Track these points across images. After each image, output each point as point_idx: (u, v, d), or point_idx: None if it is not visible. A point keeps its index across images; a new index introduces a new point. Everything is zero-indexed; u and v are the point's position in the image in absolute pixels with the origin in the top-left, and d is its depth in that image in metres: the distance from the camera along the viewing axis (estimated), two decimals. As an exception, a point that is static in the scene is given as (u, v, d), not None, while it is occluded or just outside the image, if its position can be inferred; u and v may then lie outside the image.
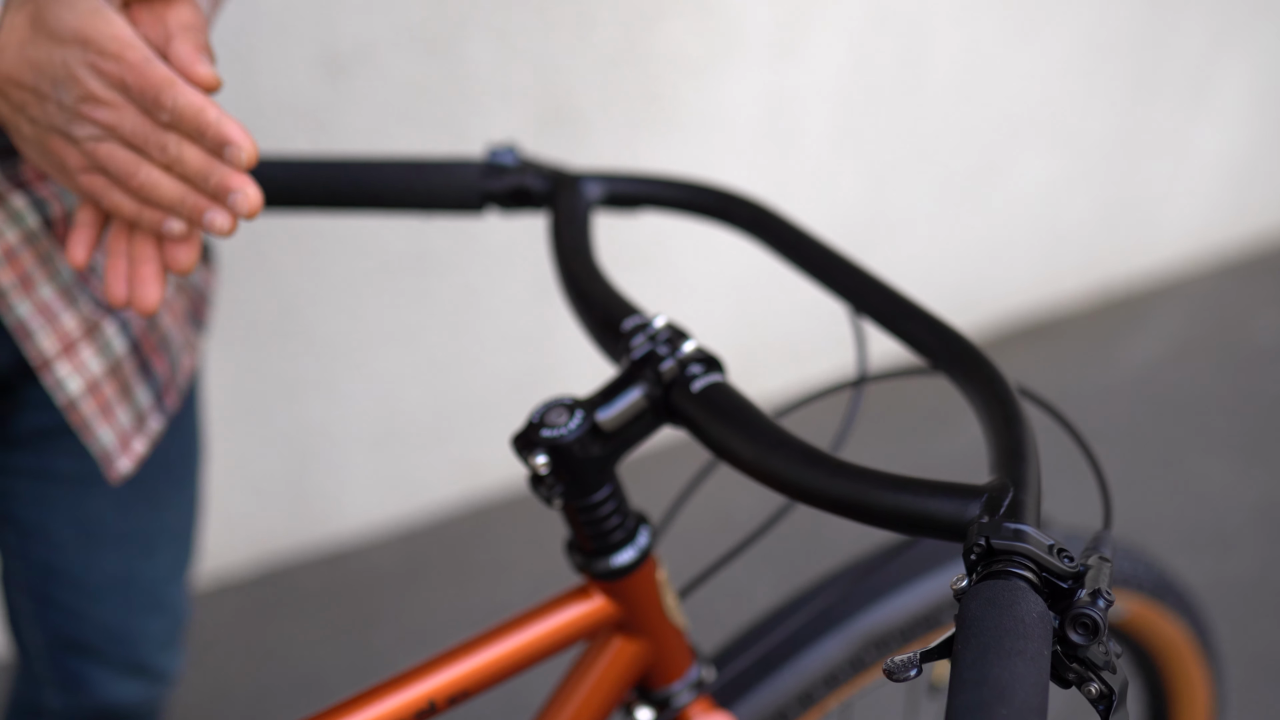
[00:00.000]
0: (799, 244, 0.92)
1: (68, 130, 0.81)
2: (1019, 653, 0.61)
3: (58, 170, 0.84)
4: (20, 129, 0.83)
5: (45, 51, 0.79)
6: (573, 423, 0.81)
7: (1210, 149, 3.10)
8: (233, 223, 0.84)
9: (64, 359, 0.98)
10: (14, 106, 0.81)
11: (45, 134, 0.82)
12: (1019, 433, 0.73)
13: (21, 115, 0.82)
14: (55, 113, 0.80)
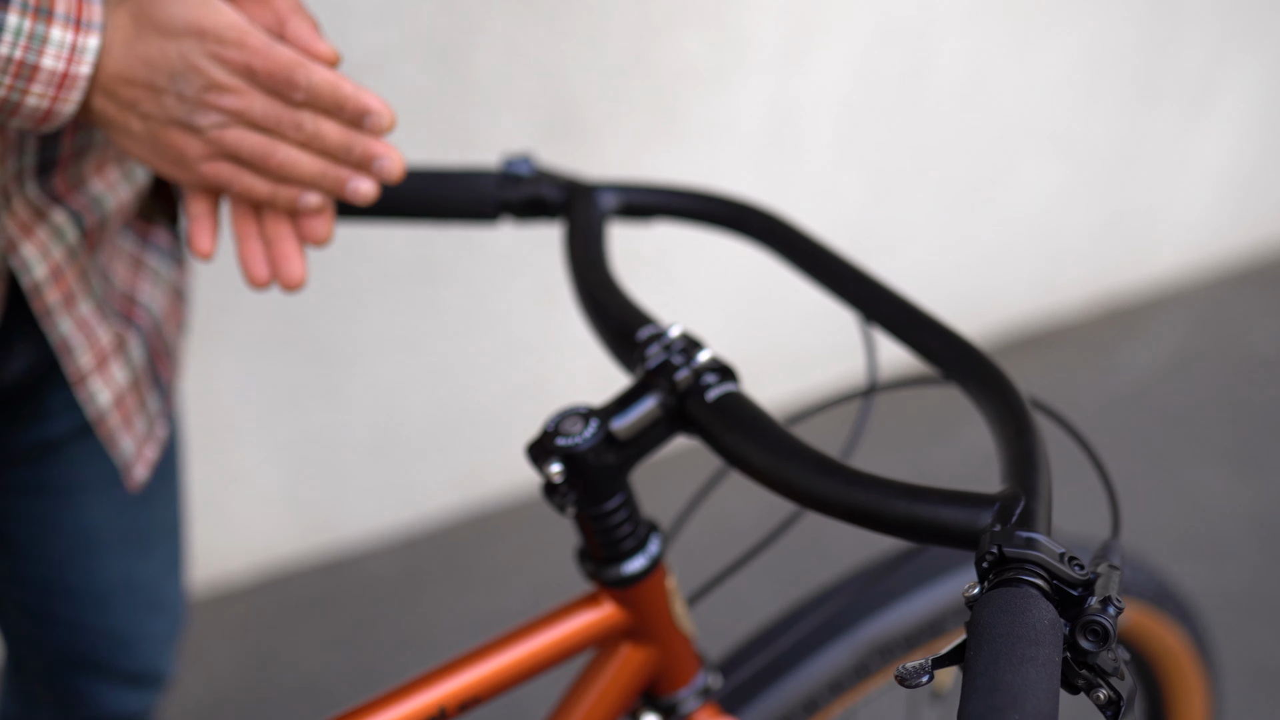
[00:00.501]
0: (811, 253, 0.93)
1: (190, 121, 0.81)
2: (1031, 659, 0.62)
3: (174, 163, 0.84)
4: (129, 127, 0.82)
5: (158, 46, 0.79)
6: (587, 431, 0.81)
7: (1211, 159, 3.12)
8: (377, 189, 0.88)
9: (97, 373, 0.99)
10: (123, 105, 0.81)
11: (162, 128, 0.82)
12: (1031, 442, 0.73)
13: (132, 113, 0.81)
14: (174, 105, 0.80)
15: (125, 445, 1.04)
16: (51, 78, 0.77)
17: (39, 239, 0.91)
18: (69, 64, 0.77)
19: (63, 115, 0.79)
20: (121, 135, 0.83)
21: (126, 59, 0.79)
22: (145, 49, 0.79)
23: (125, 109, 0.81)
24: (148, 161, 0.85)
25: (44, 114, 0.79)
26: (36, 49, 0.75)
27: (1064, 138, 2.80)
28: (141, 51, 0.79)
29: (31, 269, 0.91)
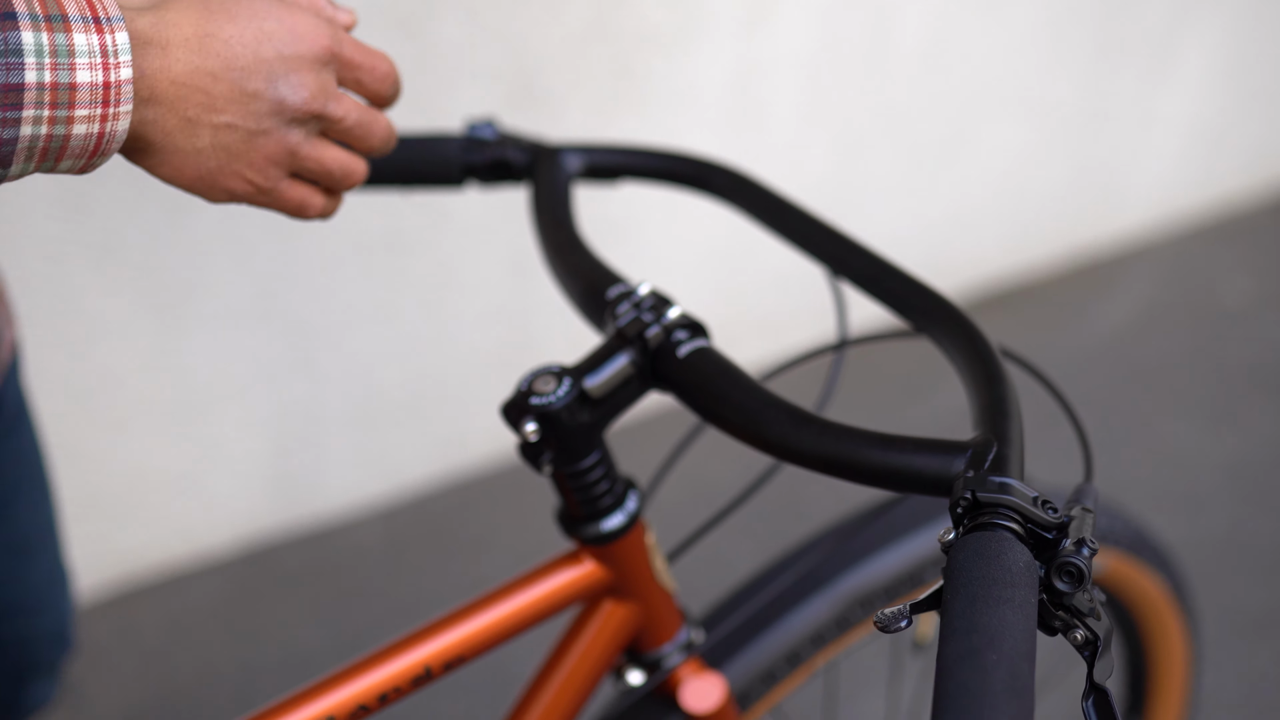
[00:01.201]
0: (777, 209, 0.93)
1: (284, 132, 0.73)
2: (1007, 601, 0.62)
3: (239, 181, 0.74)
4: (193, 141, 0.71)
5: (247, 48, 0.71)
6: (561, 390, 0.82)
7: (1175, 115, 3.13)
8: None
9: None
10: (192, 115, 0.70)
11: (245, 140, 0.72)
12: (1001, 390, 0.74)
13: (204, 124, 0.71)
14: (267, 114, 0.72)
15: None
16: (93, 92, 0.64)
17: None
18: (105, 70, 0.64)
19: (116, 138, 0.66)
20: (173, 153, 0.71)
21: (204, 60, 0.69)
22: (228, 50, 0.70)
23: (192, 122, 0.70)
24: (195, 181, 0.73)
25: (96, 141, 0.66)
26: (66, 64, 0.63)
27: (1028, 97, 2.81)
28: (223, 53, 0.70)
29: None
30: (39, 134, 0.63)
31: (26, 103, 0.62)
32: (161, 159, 0.71)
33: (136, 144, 0.70)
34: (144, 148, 0.70)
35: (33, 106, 0.62)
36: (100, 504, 2.04)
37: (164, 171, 0.72)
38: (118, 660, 2.02)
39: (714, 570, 1.92)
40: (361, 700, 0.85)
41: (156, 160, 0.71)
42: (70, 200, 1.77)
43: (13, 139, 0.63)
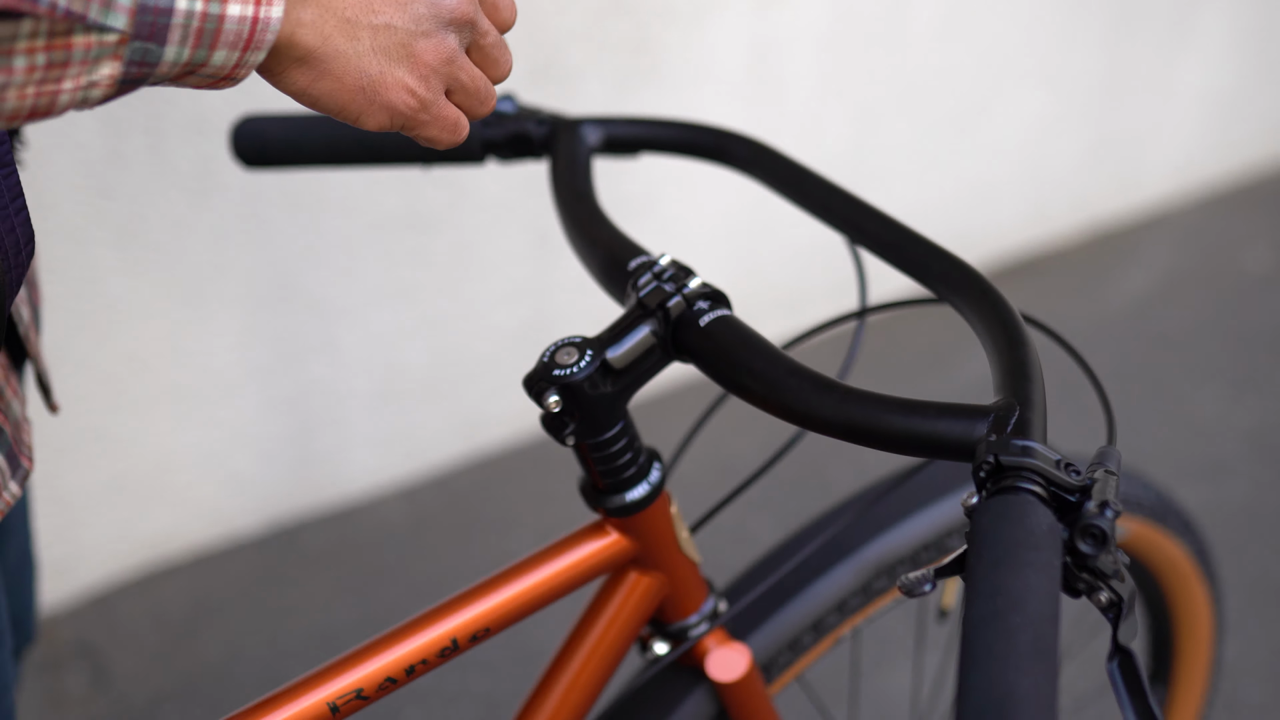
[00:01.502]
0: (797, 178, 0.93)
1: (441, 35, 0.73)
2: (1030, 563, 0.62)
3: (400, 91, 0.73)
4: (354, 44, 0.70)
5: None
6: (583, 361, 0.82)
7: (1193, 85, 3.11)
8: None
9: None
10: (350, 15, 0.70)
11: (406, 41, 0.72)
12: (1023, 354, 0.74)
13: (363, 24, 0.70)
14: (426, 12, 0.72)
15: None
16: (241, 25, 0.64)
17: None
18: (257, 5, 0.64)
19: (270, 27, 0.65)
20: (333, 59, 0.70)
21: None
22: None
23: (351, 22, 0.69)
24: (356, 93, 0.71)
25: (250, 27, 0.64)
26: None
27: (1046, 67, 2.79)
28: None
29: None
30: (195, 9, 0.62)
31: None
32: (322, 68, 0.69)
33: (294, 51, 0.68)
34: (302, 56, 0.69)
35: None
36: (128, 487, 2.06)
37: (324, 85, 0.70)
38: (147, 641, 2.04)
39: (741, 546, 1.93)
40: (389, 673, 0.86)
41: (316, 71, 0.70)
42: (93, 184, 1.78)
43: (167, 9, 0.61)
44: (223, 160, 1.85)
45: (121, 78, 0.62)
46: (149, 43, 0.61)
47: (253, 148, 1.09)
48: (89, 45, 0.59)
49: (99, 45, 0.60)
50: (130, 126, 1.77)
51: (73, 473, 1.99)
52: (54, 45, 0.58)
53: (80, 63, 0.60)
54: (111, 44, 0.60)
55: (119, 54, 0.60)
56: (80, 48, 0.59)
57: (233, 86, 0.68)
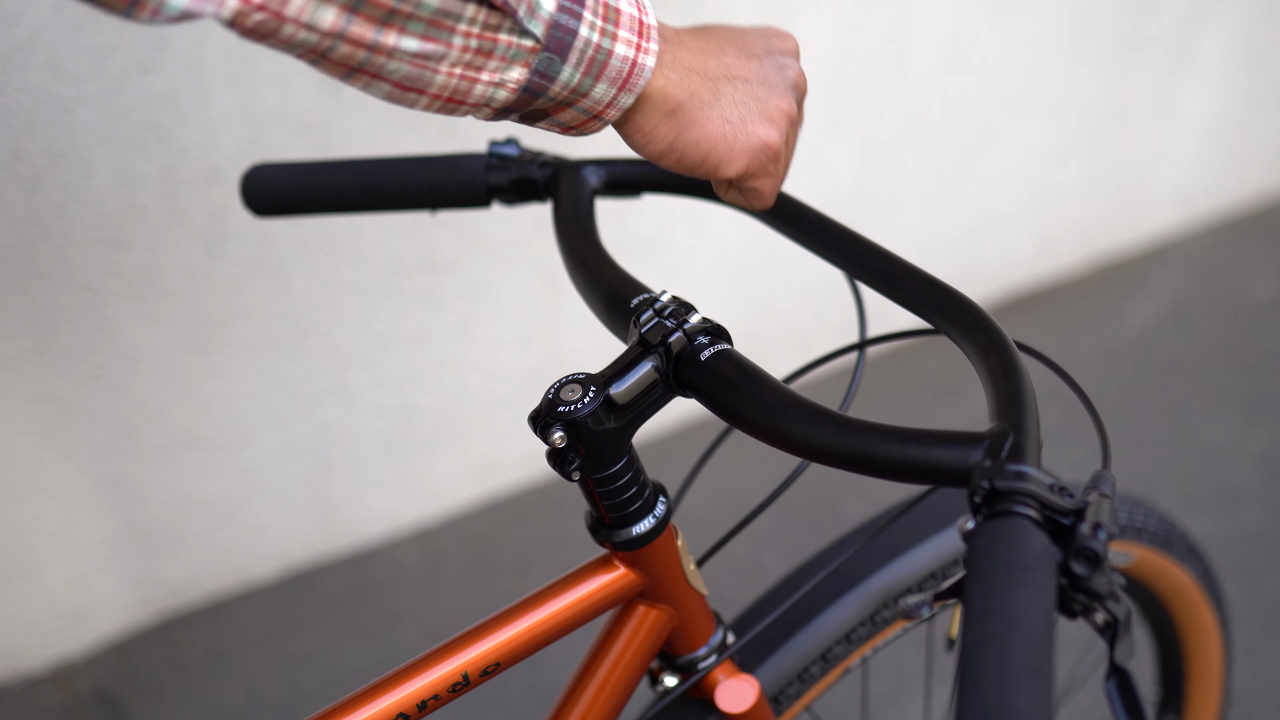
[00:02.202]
0: (795, 214, 0.95)
1: (786, 93, 0.82)
2: (1025, 584, 0.64)
3: (761, 137, 0.81)
4: (719, 96, 0.80)
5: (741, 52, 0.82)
6: (587, 398, 0.83)
7: (1196, 113, 3.13)
8: None
9: None
10: (714, 73, 0.80)
11: (761, 91, 0.81)
12: (1016, 380, 0.75)
13: (724, 79, 0.80)
14: (774, 72, 0.82)
15: None
16: (631, 22, 0.74)
17: None
18: (639, 10, 0.75)
19: (644, 72, 0.75)
20: (699, 108, 0.79)
21: (708, 42, 0.81)
22: (725, 40, 0.82)
23: (712, 78, 0.79)
24: (720, 138, 0.80)
25: (630, 67, 0.75)
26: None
27: (1049, 99, 2.82)
28: (723, 39, 0.82)
29: None
30: (591, 39, 0.72)
31: (587, 5, 0.71)
32: (688, 118, 0.78)
33: (665, 105, 0.77)
34: (673, 109, 0.78)
35: (590, 12, 0.72)
36: (145, 534, 2.07)
37: (691, 134, 0.78)
38: (166, 688, 2.05)
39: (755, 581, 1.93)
40: (401, 709, 0.87)
41: (684, 122, 0.78)
42: (108, 236, 1.81)
43: (573, 30, 0.71)
44: (235, 210, 1.88)
45: (524, 85, 0.72)
46: (554, 55, 0.71)
47: (263, 196, 1.11)
48: (510, 44, 0.70)
49: (517, 47, 0.70)
50: (145, 179, 1.80)
51: (90, 521, 2.01)
52: (485, 35, 0.69)
53: (500, 58, 0.70)
54: (526, 49, 0.70)
55: (529, 61, 0.71)
56: (503, 45, 0.70)
57: (589, 134, 0.78)
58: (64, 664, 2.07)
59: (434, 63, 0.68)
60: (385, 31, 0.65)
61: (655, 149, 0.79)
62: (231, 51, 1.78)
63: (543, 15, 0.70)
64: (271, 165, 1.11)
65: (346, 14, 0.64)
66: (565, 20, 0.70)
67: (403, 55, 0.67)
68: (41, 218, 1.75)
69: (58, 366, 1.86)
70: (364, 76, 0.68)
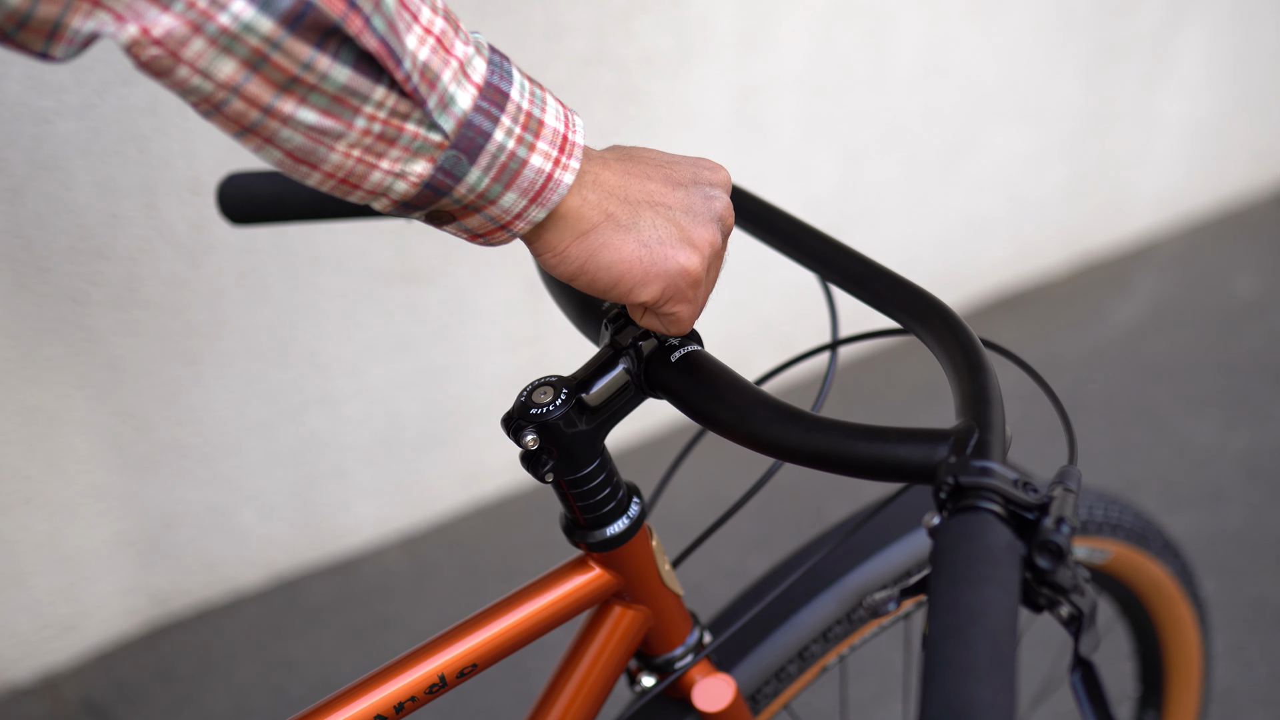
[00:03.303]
0: (766, 217, 0.96)
1: (713, 229, 0.80)
2: (989, 579, 0.65)
3: (682, 267, 0.78)
4: (638, 216, 0.77)
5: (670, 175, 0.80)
6: (559, 400, 0.84)
7: (1176, 115, 3.15)
8: None
9: None
10: (638, 199, 0.77)
11: (688, 220, 0.79)
12: (981, 378, 0.76)
13: (647, 206, 0.78)
14: (701, 203, 0.80)
15: None
16: (555, 136, 0.72)
17: None
18: (566, 125, 0.73)
19: (559, 188, 0.73)
20: (614, 231, 0.76)
21: (635, 165, 0.79)
22: (654, 163, 0.80)
23: (632, 202, 0.77)
24: (634, 262, 0.77)
25: (544, 180, 0.72)
26: (539, 104, 0.72)
27: (1029, 102, 2.83)
28: (651, 161, 0.80)
29: None
30: (506, 144, 0.70)
31: (507, 111, 0.69)
32: (602, 240, 0.75)
33: (580, 225, 0.75)
34: (587, 230, 0.75)
35: (509, 118, 0.69)
36: (131, 544, 2.08)
37: (603, 256, 0.76)
38: (154, 697, 2.05)
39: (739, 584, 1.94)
40: (378, 710, 0.88)
41: (599, 242, 0.75)
42: (90, 247, 1.82)
43: (486, 133, 0.69)
44: (217, 220, 1.89)
45: (427, 180, 0.68)
46: (462, 155, 0.68)
47: (240, 205, 1.12)
48: (416, 135, 0.67)
49: (423, 140, 0.67)
50: (126, 189, 1.80)
51: (76, 531, 2.01)
52: (390, 122, 0.66)
53: (403, 148, 0.67)
54: (433, 144, 0.67)
55: (434, 157, 0.68)
56: (409, 134, 0.66)
57: (497, 245, 0.75)
58: (51, 674, 2.08)
59: (331, 140, 0.65)
60: (283, 98, 0.62)
61: (566, 270, 0.76)
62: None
63: (455, 112, 0.67)
64: (248, 174, 1.12)
65: (246, 70, 0.61)
66: (479, 121, 0.68)
67: (298, 125, 0.64)
68: (23, 229, 1.76)
69: (41, 377, 1.86)
70: (257, 139, 0.65)
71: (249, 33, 0.60)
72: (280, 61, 0.61)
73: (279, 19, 0.60)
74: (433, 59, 0.66)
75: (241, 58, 0.60)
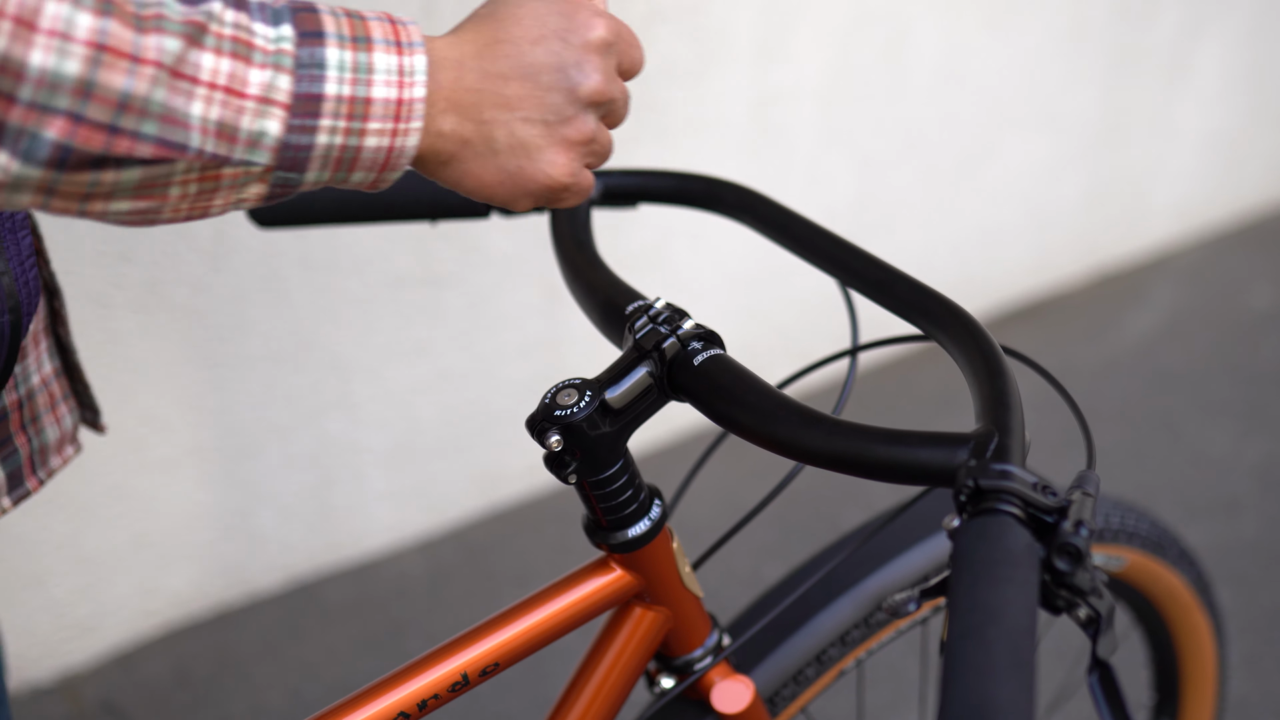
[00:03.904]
0: (786, 223, 0.97)
1: (579, 118, 0.76)
2: (1008, 580, 0.65)
3: (543, 176, 0.76)
4: (491, 142, 0.74)
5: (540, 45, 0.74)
6: (583, 402, 0.85)
7: (1193, 126, 3.15)
8: None
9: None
10: (487, 116, 0.73)
11: (545, 131, 0.75)
12: (1002, 383, 0.77)
13: (499, 124, 0.74)
14: (563, 102, 0.74)
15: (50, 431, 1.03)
16: (386, 108, 0.69)
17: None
18: (400, 88, 0.69)
19: (405, 152, 0.71)
20: (473, 159, 0.74)
21: (495, 64, 0.73)
22: (517, 50, 0.74)
23: (488, 123, 0.73)
24: (498, 185, 0.75)
25: (386, 154, 0.70)
26: (365, 80, 0.68)
27: (1046, 112, 2.84)
28: (513, 54, 0.74)
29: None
30: (334, 143, 0.68)
31: (324, 113, 0.67)
32: (464, 169, 0.75)
33: (439, 157, 0.74)
34: (445, 160, 0.74)
35: (329, 117, 0.67)
36: (151, 545, 2.09)
37: (469, 182, 0.75)
38: (171, 698, 2.06)
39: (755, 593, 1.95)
40: (402, 707, 0.89)
41: (460, 171, 0.75)
42: (114, 250, 1.83)
43: (308, 145, 0.67)
44: (239, 224, 1.90)
45: (268, 195, 0.68)
46: (290, 173, 0.68)
47: (266, 208, 1.13)
48: (236, 175, 0.66)
49: (245, 174, 0.66)
50: (149, 193, 1.82)
51: (97, 532, 2.03)
52: (205, 177, 0.65)
53: (229, 188, 0.67)
54: (257, 173, 0.67)
55: (265, 179, 0.67)
56: (228, 177, 0.66)
57: (385, 187, 0.74)
58: (70, 674, 2.09)
59: (155, 210, 0.65)
60: (89, 203, 0.63)
61: (445, 184, 0.76)
62: (236, 67, 1.80)
63: (268, 144, 0.65)
64: (274, 178, 1.13)
65: (43, 195, 0.61)
66: (296, 139, 0.66)
67: (117, 214, 0.64)
68: (49, 232, 1.77)
69: (64, 379, 1.88)
70: (90, 219, 0.65)
71: (25, 180, 0.60)
72: (68, 189, 0.61)
73: (44, 166, 0.59)
74: (225, 114, 0.63)
75: (32, 191, 0.61)
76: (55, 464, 1.03)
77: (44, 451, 1.01)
